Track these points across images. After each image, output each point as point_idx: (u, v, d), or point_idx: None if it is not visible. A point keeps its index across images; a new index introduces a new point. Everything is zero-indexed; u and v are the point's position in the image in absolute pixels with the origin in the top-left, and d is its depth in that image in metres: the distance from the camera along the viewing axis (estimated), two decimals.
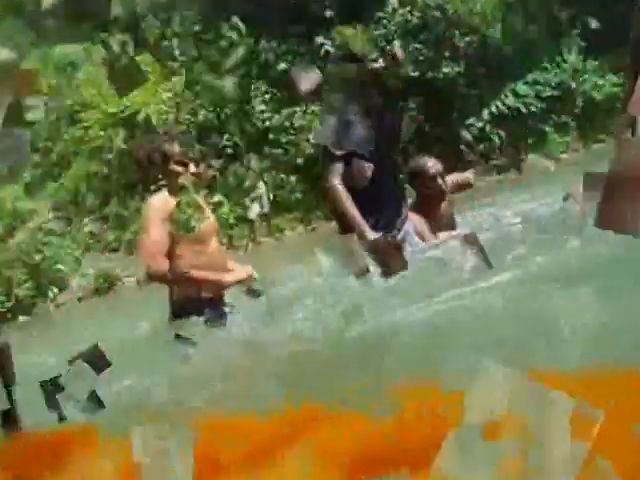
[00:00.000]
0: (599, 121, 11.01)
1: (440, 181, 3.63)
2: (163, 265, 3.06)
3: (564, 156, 10.55)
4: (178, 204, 3.04)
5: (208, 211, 3.42)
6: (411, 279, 2.55)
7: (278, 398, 1.68)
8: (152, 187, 10.26)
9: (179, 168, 3.19)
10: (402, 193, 3.48)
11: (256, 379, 2.22)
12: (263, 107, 10.22)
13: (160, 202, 3.17)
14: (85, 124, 11.19)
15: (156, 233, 3.07)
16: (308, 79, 3.22)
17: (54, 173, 11.81)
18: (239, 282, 3.14)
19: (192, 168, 3.22)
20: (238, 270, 3.33)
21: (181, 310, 3.16)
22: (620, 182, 1.23)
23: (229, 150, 10.04)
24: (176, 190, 3.15)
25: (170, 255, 3.10)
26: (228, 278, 3.17)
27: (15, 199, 11.32)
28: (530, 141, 10.65)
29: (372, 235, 3.09)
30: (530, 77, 10.73)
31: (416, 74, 10.28)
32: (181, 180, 3.16)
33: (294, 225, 9.81)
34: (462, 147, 10.37)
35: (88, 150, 10.87)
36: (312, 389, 1.88)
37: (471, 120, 10.50)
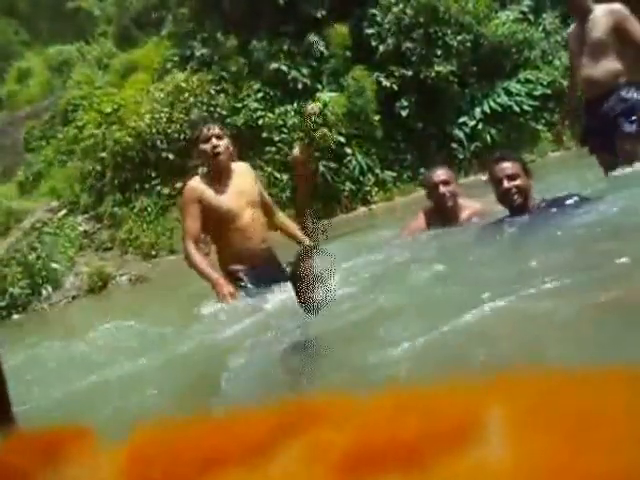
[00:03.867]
0: None
1: (443, 189, 3.66)
2: (190, 251, 3.39)
3: (557, 154, 10.60)
4: None
5: (249, 182, 3.63)
6: None
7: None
8: (146, 186, 10.25)
9: (205, 145, 3.47)
10: None
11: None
12: (256, 105, 10.26)
13: (193, 186, 3.48)
14: (79, 123, 11.21)
15: (188, 220, 3.44)
16: None
17: (48, 172, 11.85)
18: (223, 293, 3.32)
19: (214, 141, 3.45)
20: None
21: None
22: None
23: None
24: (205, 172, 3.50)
25: (207, 230, 3.49)
26: (222, 287, 3.32)
27: (9, 198, 11.36)
28: (522, 139, 10.71)
29: None
30: (522, 75, 10.80)
31: (409, 73, 10.34)
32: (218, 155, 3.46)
33: None
34: (454, 145, 10.42)
35: (82, 149, 10.89)
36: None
37: (463, 118, 10.55)
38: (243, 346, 2.59)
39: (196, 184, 3.51)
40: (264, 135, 10.11)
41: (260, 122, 10.11)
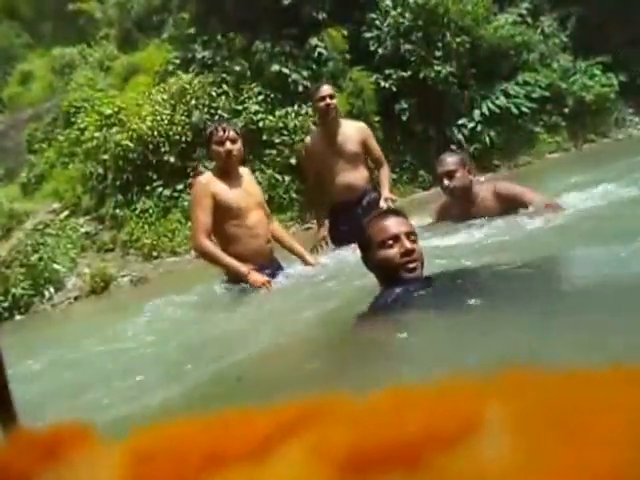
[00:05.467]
0: (589, 121, 11.17)
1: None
2: (204, 243, 3.44)
3: (555, 155, 10.68)
4: None
5: (254, 185, 3.74)
6: None
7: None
8: (148, 188, 10.31)
9: (219, 148, 3.54)
10: None
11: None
12: (257, 108, 10.32)
13: (204, 181, 3.56)
14: (81, 125, 11.27)
15: (200, 213, 3.51)
16: None
17: (50, 174, 11.91)
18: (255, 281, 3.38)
19: (228, 145, 3.53)
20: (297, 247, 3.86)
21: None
22: None
23: None
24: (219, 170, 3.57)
25: (214, 226, 3.51)
26: (253, 276, 3.40)
27: (12, 200, 11.42)
28: (521, 141, 10.78)
29: None
30: (520, 78, 10.87)
31: (408, 74, 10.40)
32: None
33: (289, 225, 9.91)
34: (453, 147, 10.48)
35: (84, 151, 10.95)
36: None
37: (462, 120, 10.62)
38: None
39: (208, 179, 3.57)
40: (265, 137, 10.17)
41: (261, 124, 10.17)
